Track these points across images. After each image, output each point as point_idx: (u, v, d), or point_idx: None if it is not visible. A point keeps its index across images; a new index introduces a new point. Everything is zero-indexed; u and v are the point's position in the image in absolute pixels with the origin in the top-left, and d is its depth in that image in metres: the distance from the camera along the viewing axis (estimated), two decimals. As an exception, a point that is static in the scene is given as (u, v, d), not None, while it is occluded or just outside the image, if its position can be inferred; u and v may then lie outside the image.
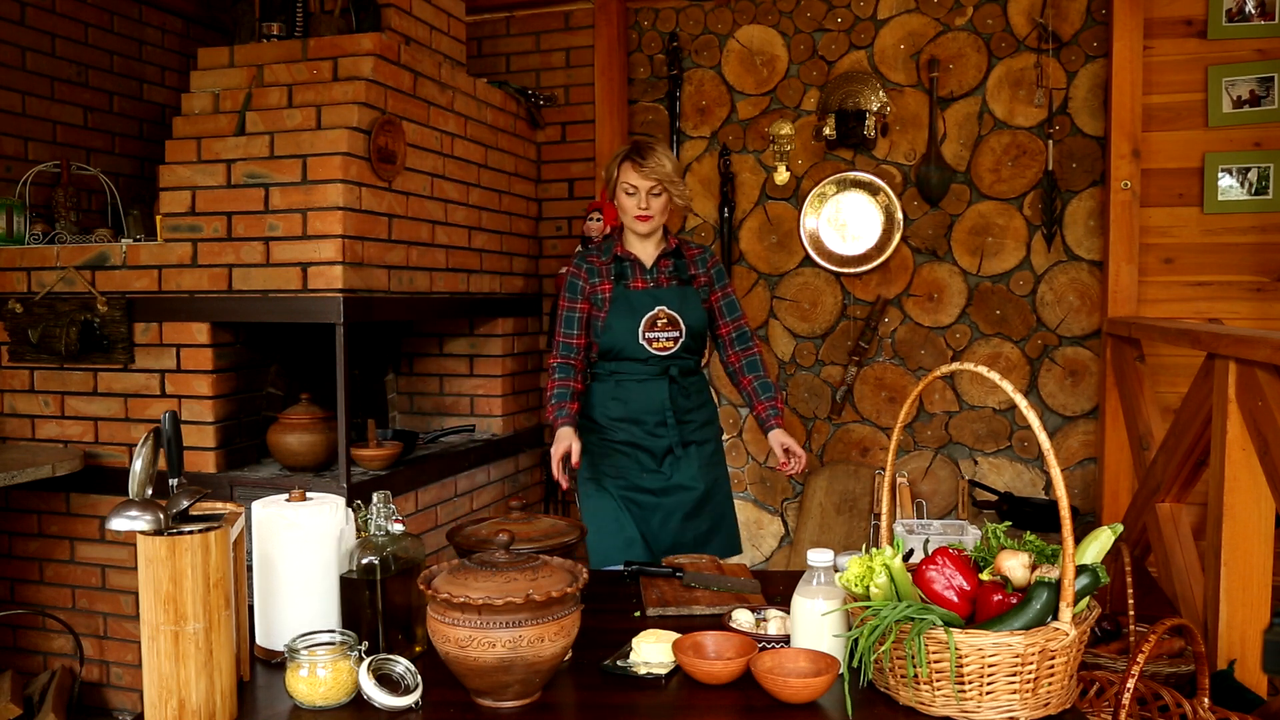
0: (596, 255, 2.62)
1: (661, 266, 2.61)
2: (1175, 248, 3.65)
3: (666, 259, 2.61)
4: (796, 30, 3.99)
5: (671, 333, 2.54)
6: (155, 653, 1.27)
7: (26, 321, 3.05)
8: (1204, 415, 2.38)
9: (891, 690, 1.36)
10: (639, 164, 2.46)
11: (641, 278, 2.58)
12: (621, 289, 2.55)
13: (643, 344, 2.52)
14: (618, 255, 2.59)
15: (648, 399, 2.56)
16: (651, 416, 2.56)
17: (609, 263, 2.59)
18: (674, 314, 2.54)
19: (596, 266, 2.58)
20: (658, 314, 2.53)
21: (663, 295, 2.55)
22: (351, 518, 1.60)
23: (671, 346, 2.54)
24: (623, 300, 2.54)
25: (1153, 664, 2.20)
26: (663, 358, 2.54)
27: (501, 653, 1.29)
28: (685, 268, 2.62)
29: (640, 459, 2.57)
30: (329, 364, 2.94)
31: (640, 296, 2.54)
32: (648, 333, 2.52)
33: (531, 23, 4.21)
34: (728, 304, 2.66)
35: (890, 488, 1.57)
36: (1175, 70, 3.61)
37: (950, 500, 3.93)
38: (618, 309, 2.54)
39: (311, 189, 2.82)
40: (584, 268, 2.59)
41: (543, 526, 1.91)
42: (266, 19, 3.09)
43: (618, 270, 2.58)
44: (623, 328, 2.52)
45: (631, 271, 2.58)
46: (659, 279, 2.59)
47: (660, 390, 2.56)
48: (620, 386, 2.57)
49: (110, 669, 3.15)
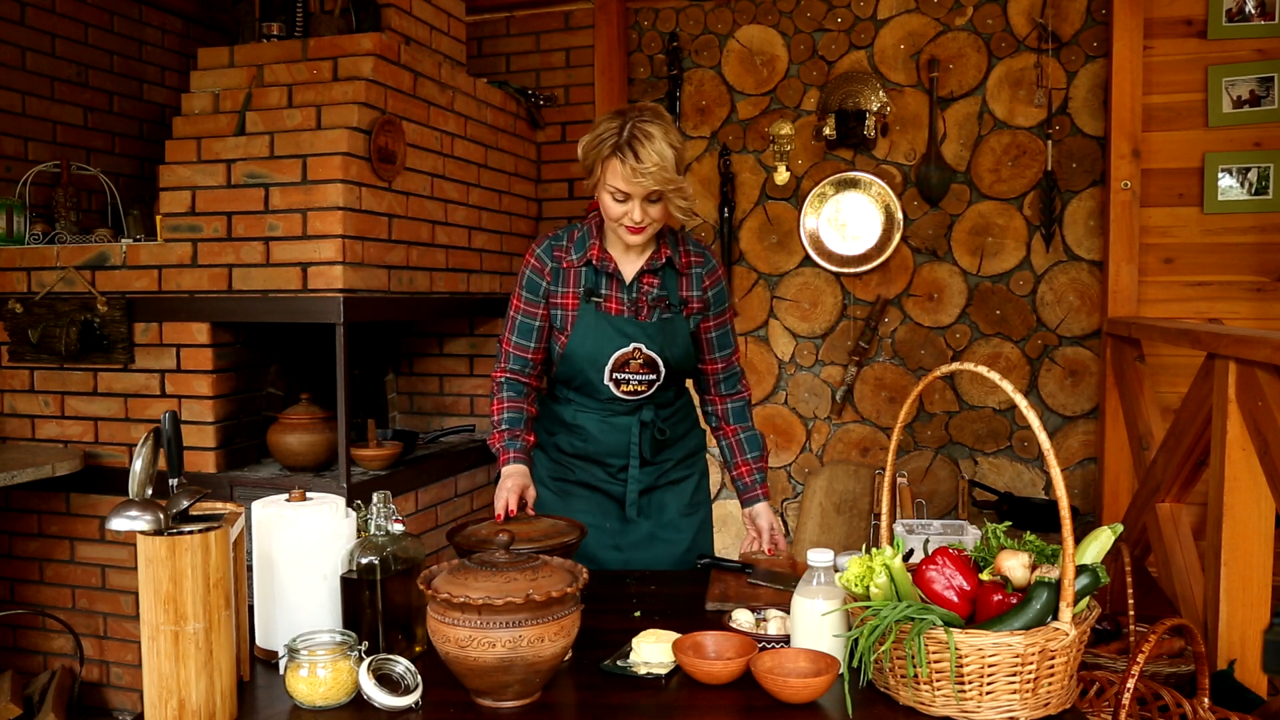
0: (565, 249, 2.03)
1: (645, 285, 2.02)
2: (1175, 248, 3.65)
3: (653, 275, 2.02)
4: (796, 30, 3.99)
5: (646, 375, 2.01)
6: (155, 653, 1.27)
7: (26, 321, 3.05)
8: (1204, 415, 2.38)
9: (891, 690, 1.36)
10: (632, 164, 1.84)
11: (617, 297, 2.01)
12: (590, 308, 1.99)
13: (607, 385, 2.00)
14: (592, 261, 2.01)
15: (612, 439, 2.06)
16: (616, 460, 2.08)
17: (579, 265, 2.01)
18: (652, 354, 1.99)
19: (564, 269, 2.02)
20: (632, 352, 1.98)
21: (643, 329, 1.99)
22: (351, 518, 1.60)
23: (643, 390, 2.02)
24: (590, 325, 1.99)
25: (1153, 664, 2.20)
26: (632, 402, 2.04)
27: (501, 653, 1.29)
28: (676, 288, 2.03)
29: (602, 505, 2.10)
30: (329, 364, 2.94)
31: (611, 326, 1.99)
32: (616, 373, 1.99)
33: (531, 23, 4.21)
34: (720, 336, 2.12)
35: (890, 488, 1.57)
36: (1175, 70, 3.61)
37: (950, 500, 3.93)
38: (582, 335, 1.99)
39: (311, 189, 2.82)
40: (548, 265, 2.03)
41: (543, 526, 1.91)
42: (266, 19, 3.09)
43: (589, 279, 2.01)
44: (584, 360, 2.00)
45: (606, 285, 2.01)
46: (638, 303, 2.01)
47: (627, 433, 2.06)
48: (580, 417, 2.07)
49: (110, 669, 3.15)
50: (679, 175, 1.89)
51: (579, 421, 2.08)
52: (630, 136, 1.85)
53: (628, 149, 1.85)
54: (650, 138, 1.84)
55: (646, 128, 1.85)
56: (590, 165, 1.92)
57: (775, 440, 4.13)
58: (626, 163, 1.85)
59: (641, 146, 1.84)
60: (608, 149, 1.87)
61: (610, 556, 2.10)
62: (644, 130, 1.85)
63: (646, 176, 1.84)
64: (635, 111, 1.89)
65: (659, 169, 1.84)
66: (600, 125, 1.90)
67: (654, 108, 1.93)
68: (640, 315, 2.01)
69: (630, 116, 1.88)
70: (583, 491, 2.12)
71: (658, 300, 2.02)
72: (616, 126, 1.87)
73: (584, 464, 2.10)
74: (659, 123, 1.87)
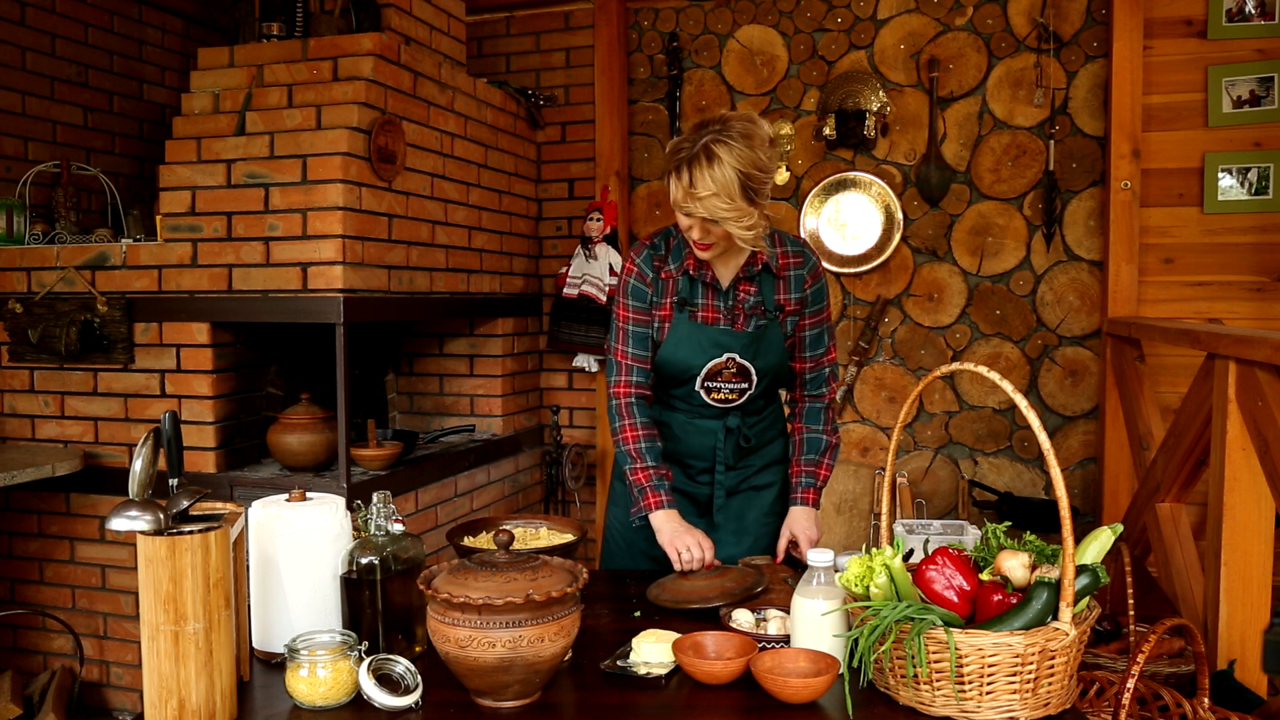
0: (663, 258, 1.98)
1: (741, 293, 1.97)
2: (1175, 248, 3.65)
3: (749, 282, 1.97)
4: (796, 30, 3.99)
5: (738, 384, 1.98)
6: (155, 653, 1.27)
7: (26, 321, 3.05)
8: (1204, 415, 2.38)
9: (891, 690, 1.36)
10: (685, 186, 1.77)
11: (713, 305, 1.97)
12: (684, 317, 1.96)
13: (699, 392, 1.99)
14: (689, 270, 1.97)
15: (696, 441, 2.05)
16: (698, 462, 2.06)
17: (676, 275, 1.97)
18: (746, 364, 1.96)
19: (664, 279, 1.98)
20: (725, 363, 1.95)
21: (737, 339, 1.95)
22: (349, 518, 1.60)
23: (734, 400, 2.00)
24: (685, 334, 1.96)
25: (1153, 664, 2.20)
26: (722, 409, 2.03)
27: (501, 653, 1.29)
28: (772, 292, 1.98)
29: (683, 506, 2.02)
30: (329, 364, 2.94)
31: (706, 336, 1.95)
32: (708, 381, 1.98)
33: (531, 23, 4.21)
34: (815, 336, 2.04)
35: (890, 488, 1.57)
36: (1175, 70, 3.61)
37: (950, 500, 3.93)
38: (675, 344, 1.96)
39: (311, 189, 2.82)
40: (649, 275, 1.98)
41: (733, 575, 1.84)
42: (266, 19, 3.09)
43: (684, 288, 1.97)
44: (676, 369, 1.98)
45: (702, 294, 1.97)
46: (734, 311, 1.96)
47: (713, 436, 2.04)
48: (665, 415, 2.06)
49: (110, 669, 3.15)
50: (745, 202, 1.76)
51: (664, 419, 2.05)
52: (694, 155, 1.75)
53: (686, 170, 1.76)
54: (715, 159, 1.73)
55: (717, 148, 1.74)
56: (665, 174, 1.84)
57: (775, 440, 4.13)
58: (681, 184, 1.77)
59: (699, 169, 1.74)
60: (674, 164, 1.79)
61: None
62: (711, 151, 1.74)
63: (698, 203, 1.76)
64: (720, 125, 1.78)
65: (712, 197, 1.74)
66: (688, 131, 1.81)
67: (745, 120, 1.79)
68: (736, 324, 1.97)
69: (710, 131, 1.77)
70: None
71: (754, 308, 1.96)
72: (690, 140, 1.78)
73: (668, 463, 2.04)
74: (735, 143, 1.74)
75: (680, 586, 1.79)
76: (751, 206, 1.78)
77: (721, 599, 1.70)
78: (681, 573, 1.84)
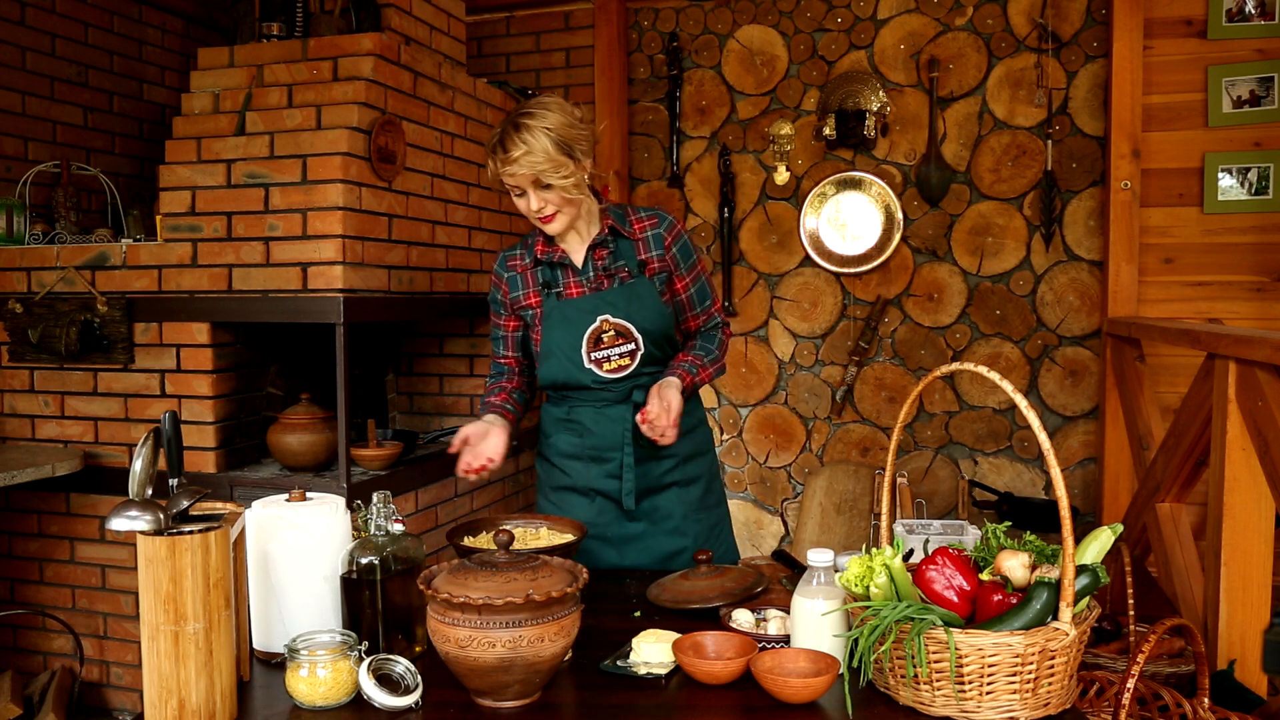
0: (519, 255, 2.06)
1: (598, 259, 2.00)
2: (1175, 248, 3.65)
3: (603, 248, 1.99)
4: (796, 30, 3.99)
5: (624, 346, 1.96)
6: (155, 653, 1.27)
7: (26, 321, 3.05)
8: (1204, 415, 2.38)
9: (891, 690, 1.36)
10: (501, 157, 1.86)
11: (575, 281, 2.00)
12: (553, 300, 1.98)
13: (590, 368, 1.97)
14: (539, 257, 2.01)
15: (608, 430, 2.02)
16: (614, 454, 2.02)
17: (529, 265, 2.02)
18: (621, 321, 1.95)
19: (520, 273, 2.04)
20: (600, 326, 1.95)
21: (604, 299, 1.96)
22: (349, 518, 1.60)
23: (628, 364, 1.97)
24: (556, 315, 1.98)
25: (1153, 664, 2.20)
26: (618, 380, 1.99)
27: (501, 653, 1.29)
28: (633, 253, 1.99)
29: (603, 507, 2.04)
30: (329, 364, 2.94)
31: (574, 308, 1.97)
32: (592, 353, 1.96)
33: (531, 23, 4.21)
34: (698, 291, 2.07)
35: (890, 488, 1.57)
36: (1175, 70, 3.61)
37: (950, 500, 3.93)
38: (551, 326, 1.98)
39: (311, 189, 2.82)
40: (505, 275, 2.05)
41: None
42: (266, 19, 3.09)
43: (544, 276, 2.01)
44: (560, 350, 1.98)
45: (562, 276, 2.01)
46: (597, 279, 1.99)
47: (621, 422, 2.00)
48: (575, 411, 2.04)
49: (110, 669, 3.15)
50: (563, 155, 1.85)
51: (574, 415, 2.05)
52: (502, 134, 1.87)
53: (498, 146, 1.87)
54: (523, 127, 1.84)
55: (522, 119, 1.85)
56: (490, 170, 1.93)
57: (775, 440, 4.13)
58: (497, 158, 1.88)
59: (510, 139, 1.85)
60: (489, 148, 1.90)
61: (609, 557, 2.06)
62: (519, 122, 1.85)
63: (514, 166, 1.85)
64: (520, 106, 1.91)
65: (525, 155, 1.83)
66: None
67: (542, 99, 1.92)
68: (600, 289, 2.00)
69: (511, 114, 1.90)
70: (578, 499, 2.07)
71: (616, 270, 1.99)
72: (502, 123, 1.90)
73: (583, 465, 2.05)
74: (539, 110, 1.86)
75: (680, 586, 1.79)
76: (568, 159, 1.86)
77: (721, 599, 1.70)
78: (682, 573, 1.84)
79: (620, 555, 2.07)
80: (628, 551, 2.06)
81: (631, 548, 2.06)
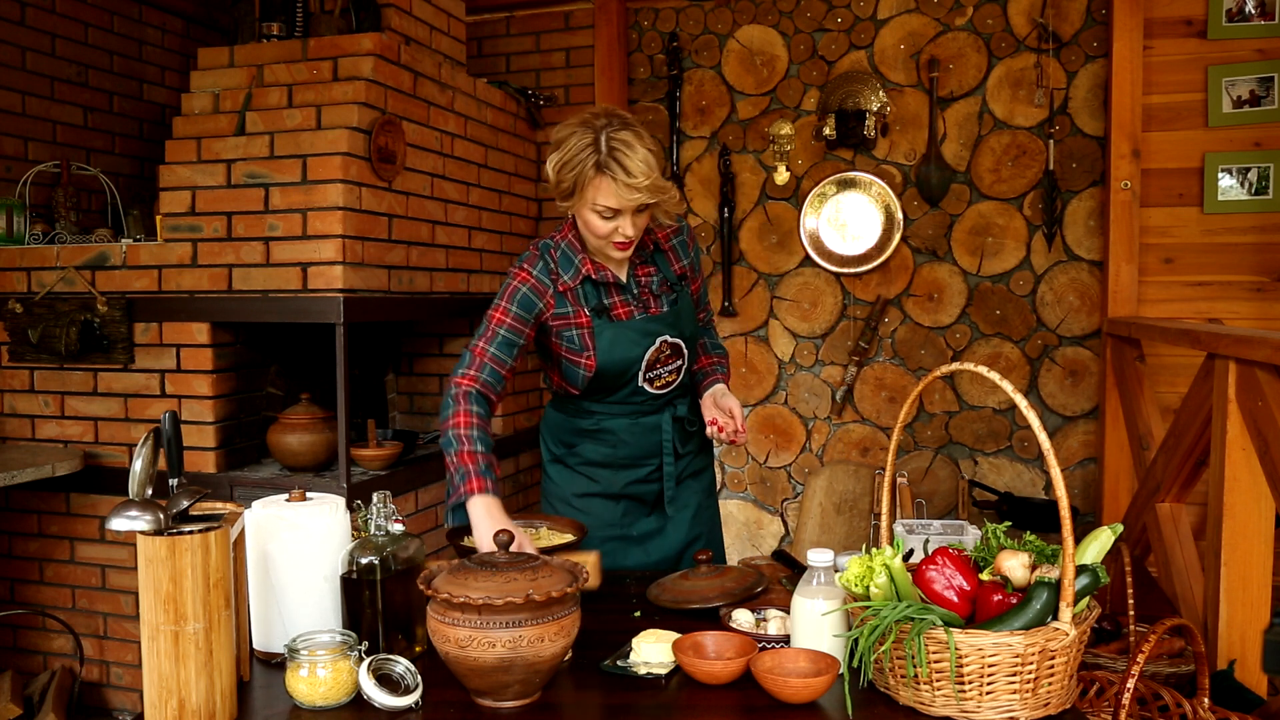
0: (558, 271, 1.93)
1: (642, 278, 1.97)
2: (1175, 248, 3.65)
3: (646, 265, 1.98)
4: (796, 30, 3.99)
5: (674, 364, 1.99)
6: (155, 653, 1.27)
7: (26, 321, 3.05)
8: (1204, 415, 2.38)
9: (891, 690, 1.36)
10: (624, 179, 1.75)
11: (622, 300, 1.95)
12: (605, 323, 1.93)
13: (643, 386, 1.98)
14: (590, 276, 1.93)
15: (643, 440, 2.03)
16: (649, 461, 2.05)
17: (575, 285, 1.93)
18: (676, 340, 1.98)
19: (561, 292, 1.92)
20: (660, 347, 1.96)
21: (660, 322, 1.96)
22: (349, 518, 1.60)
23: (674, 380, 2.01)
24: (612, 337, 1.93)
25: (1153, 664, 2.20)
26: (661, 397, 2.02)
27: (501, 653, 1.29)
28: (668, 265, 2.00)
29: (629, 508, 2.06)
30: (329, 364, 2.94)
31: (632, 330, 1.94)
32: (649, 372, 1.97)
33: (531, 23, 4.21)
34: (702, 294, 2.15)
35: (890, 488, 1.57)
36: (1175, 70, 3.61)
37: (950, 500, 3.93)
38: (608, 348, 1.93)
39: (311, 189, 2.82)
40: (549, 289, 1.92)
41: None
42: (266, 19, 3.09)
43: (591, 295, 1.94)
44: (617, 371, 1.95)
45: (608, 294, 1.95)
46: (643, 297, 1.97)
47: (657, 431, 2.03)
48: (605, 423, 2.02)
49: (110, 669, 3.15)
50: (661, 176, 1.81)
51: (605, 426, 2.03)
52: (611, 150, 1.75)
53: (614, 164, 1.74)
54: (631, 147, 1.75)
55: (623, 136, 1.76)
56: (570, 187, 1.80)
57: (775, 440, 4.13)
58: (618, 179, 1.75)
59: (627, 159, 1.74)
60: (590, 168, 1.75)
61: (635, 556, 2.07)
62: (622, 140, 1.75)
63: (641, 191, 1.76)
64: (603, 120, 1.78)
65: (647, 178, 1.75)
66: (570, 142, 1.78)
67: (618, 114, 1.82)
68: (650, 309, 1.97)
69: (600, 128, 1.77)
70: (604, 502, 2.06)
71: (661, 286, 1.98)
72: (591, 142, 1.75)
73: (613, 472, 2.04)
74: (630, 129, 1.78)
75: (680, 586, 1.79)
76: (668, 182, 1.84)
77: (721, 599, 1.70)
78: (682, 573, 1.84)
79: (646, 552, 2.08)
80: (652, 547, 2.09)
81: (655, 542, 2.09)
